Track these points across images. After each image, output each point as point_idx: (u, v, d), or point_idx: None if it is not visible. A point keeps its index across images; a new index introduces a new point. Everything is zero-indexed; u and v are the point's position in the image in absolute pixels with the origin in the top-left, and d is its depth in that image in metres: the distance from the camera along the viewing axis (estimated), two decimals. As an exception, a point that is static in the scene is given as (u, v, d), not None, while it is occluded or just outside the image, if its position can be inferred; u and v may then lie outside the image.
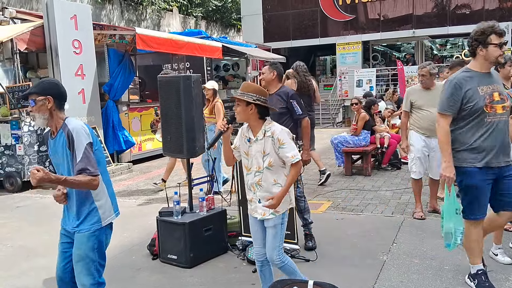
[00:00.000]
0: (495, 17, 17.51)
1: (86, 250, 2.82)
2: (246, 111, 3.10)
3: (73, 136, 2.70)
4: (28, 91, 2.79)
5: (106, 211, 2.88)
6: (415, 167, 5.48)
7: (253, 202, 3.23)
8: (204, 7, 24.96)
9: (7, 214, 6.63)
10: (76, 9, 8.89)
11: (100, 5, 18.41)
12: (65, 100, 2.87)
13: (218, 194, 6.00)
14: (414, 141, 5.47)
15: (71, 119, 2.82)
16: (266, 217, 3.16)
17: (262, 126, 3.14)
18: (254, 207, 3.22)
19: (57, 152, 2.81)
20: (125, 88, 9.87)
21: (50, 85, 2.83)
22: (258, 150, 3.13)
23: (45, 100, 2.75)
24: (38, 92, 2.76)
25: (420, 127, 5.44)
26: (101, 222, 2.85)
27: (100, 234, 2.86)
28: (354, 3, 19.51)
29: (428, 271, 3.98)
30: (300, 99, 4.66)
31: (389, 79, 18.67)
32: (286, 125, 4.57)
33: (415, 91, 5.52)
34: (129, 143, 9.79)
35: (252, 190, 3.21)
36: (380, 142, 8.45)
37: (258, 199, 3.18)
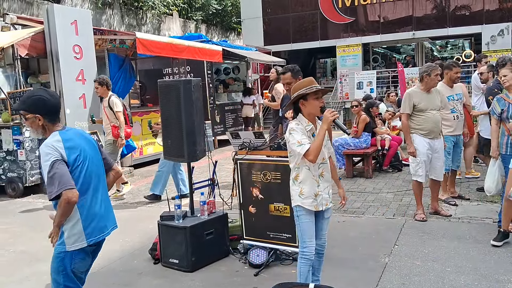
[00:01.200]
0: (495, 18, 17.54)
1: (51, 270, 2.75)
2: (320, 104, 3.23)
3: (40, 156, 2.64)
4: (16, 107, 2.78)
5: (71, 236, 2.68)
6: (421, 170, 5.39)
7: (318, 196, 3.27)
8: (204, 11, 25.02)
9: (9, 219, 6.64)
10: (77, 15, 8.92)
11: (101, 10, 18.47)
12: (56, 112, 2.74)
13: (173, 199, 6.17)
14: (419, 145, 5.36)
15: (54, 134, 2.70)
16: (328, 206, 3.35)
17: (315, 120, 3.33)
18: (320, 199, 3.28)
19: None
20: (125, 92, 9.88)
21: (38, 102, 2.67)
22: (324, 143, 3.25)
23: (35, 118, 2.67)
24: (26, 109, 2.67)
25: (424, 129, 5.35)
26: (65, 246, 2.69)
27: (65, 258, 2.70)
28: (353, 5, 19.53)
29: (430, 273, 3.97)
30: None
31: (389, 81, 18.67)
32: None
33: (417, 94, 5.42)
34: (130, 148, 9.76)
35: (316, 183, 3.27)
36: (381, 144, 8.44)
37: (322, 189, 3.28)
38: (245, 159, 4.46)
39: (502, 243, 4.51)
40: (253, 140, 4.42)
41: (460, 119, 5.99)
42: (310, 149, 3.11)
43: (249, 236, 4.55)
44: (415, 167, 5.45)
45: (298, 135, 3.15)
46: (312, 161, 3.15)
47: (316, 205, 3.27)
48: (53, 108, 2.72)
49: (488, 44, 17.54)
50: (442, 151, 5.51)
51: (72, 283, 2.76)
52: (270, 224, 4.37)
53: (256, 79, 16.60)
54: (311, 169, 3.24)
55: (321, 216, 3.34)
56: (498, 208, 5.23)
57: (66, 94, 8.40)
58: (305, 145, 3.11)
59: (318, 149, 3.12)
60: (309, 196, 3.25)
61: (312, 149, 3.11)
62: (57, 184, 2.53)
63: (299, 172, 3.27)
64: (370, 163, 8.08)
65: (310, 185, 3.25)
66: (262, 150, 4.43)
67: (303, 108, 3.26)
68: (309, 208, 3.26)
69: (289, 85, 4.71)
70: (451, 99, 5.94)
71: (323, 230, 3.39)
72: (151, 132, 9.04)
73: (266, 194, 4.35)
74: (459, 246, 4.57)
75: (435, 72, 5.31)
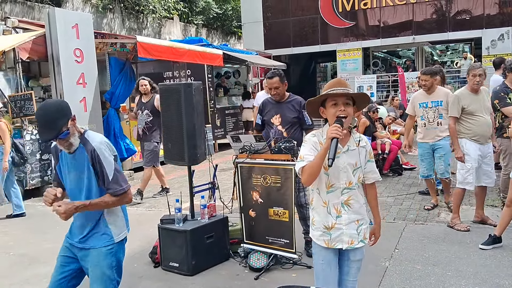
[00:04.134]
0: (495, 22, 17.57)
1: (102, 269, 2.73)
2: (353, 112, 2.56)
3: (98, 154, 2.64)
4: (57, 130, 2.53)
5: (118, 228, 2.81)
6: (471, 177, 5.04)
7: (335, 229, 2.56)
8: (205, 15, 25.07)
9: (9, 222, 6.63)
10: (78, 18, 8.94)
11: (101, 14, 18.52)
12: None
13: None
14: (470, 150, 5.02)
15: (90, 133, 2.74)
16: (355, 245, 2.57)
17: (350, 133, 2.61)
18: (339, 234, 2.56)
19: (76, 168, 2.69)
20: (126, 96, 9.89)
21: (64, 105, 2.67)
22: (350, 162, 2.56)
23: (72, 121, 2.64)
24: (66, 119, 2.59)
25: (474, 134, 5.04)
26: (113, 238, 2.77)
27: (116, 251, 2.79)
28: (354, 10, 19.58)
29: (430, 277, 3.97)
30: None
31: (389, 85, 18.69)
32: (296, 134, 4.60)
33: (466, 96, 5.06)
34: (130, 151, 9.79)
35: (336, 213, 2.57)
36: (381, 148, 8.44)
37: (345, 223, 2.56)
38: (246, 163, 4.47)
39: (491, 247, 4.51)
40: (253, 143, 4.42)
41: (428, 127, 5.80)
42: (304, 168, 2.48)
43: (249, 240, 4.54)
44: (464, 174, 5.08)
45: (305, 149, 2.55)
46: (305, 183, 2.58)
47: (328, 241, 2.57)
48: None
49: (488, 48, 17.57)
50: (491, 157, 5.21)
51: (120, 276, 2.85)
52: (269, 229, 4.37)
53: (256, 83, 16.62)
54: (321, 194, 2.58)
55: (345, 257, 2.63)
56: (498, 213, 5.22)
57: (67, 98, 8.40)
58: (302, 162, 2.50)
59: (310, 170, 2.45)
60: (319, 227, 2.60)
61: (305, 168, 2.48)
62: (123, 181, 2.71)
63: (312, 195, 2.66)
64: (371, 167, 8.06)
65: (321, 214, 2.60)
66: (262, 154, 4.43)
67: (325, 117, 2.61)
68: (318, 243, 2.61)
69: (277, 89, 4.65)
70: (423, 106, 5.84)
71: (349, 275, 2.64)
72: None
73: (266, 198, 4.35)
74: (459, 250, 4.56)
75: (472, 72, 5.05)
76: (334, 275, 2.61)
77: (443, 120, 5.70)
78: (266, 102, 4.87)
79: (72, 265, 2.83)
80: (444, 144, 5.73)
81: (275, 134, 4.66)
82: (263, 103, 4.91)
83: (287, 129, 4.67)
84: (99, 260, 2.74)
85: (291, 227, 4.18)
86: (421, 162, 6.00)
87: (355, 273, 2.65)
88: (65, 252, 2.85)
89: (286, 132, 4.64)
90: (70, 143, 2.64)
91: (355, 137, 2.61)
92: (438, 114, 5.76)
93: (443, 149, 5.75)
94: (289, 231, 4.21)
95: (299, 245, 4.41)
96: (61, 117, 2.57)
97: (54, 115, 2.56)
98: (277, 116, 4.69)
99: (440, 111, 5.75)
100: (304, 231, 4.63)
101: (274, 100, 4.75)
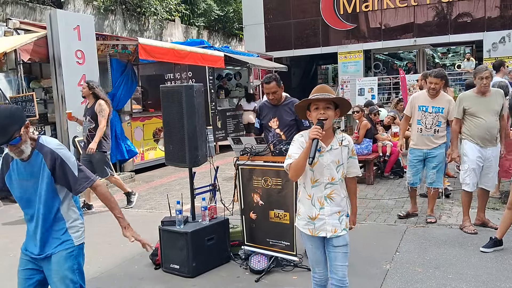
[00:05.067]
0: (496, 25, 17.56)
1: (64, 273, 2.72)
2: (334, 115, 2.83)
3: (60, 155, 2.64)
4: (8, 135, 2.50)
5: (77, 230, 2.82)
6: (469, 179, 5.06)
7: (318, 219, 2.88)
8: (206, 17, 25.09)
9: (10, 223, 6.64)
10: (79, 20, 8.96)
11: (103, 16, 18.54)
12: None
13: None
14: (468, 151, 5.05)
15: (45, 138, 2.72)
16: (338, 233, 2.88)
17: (333, 134, 2.89)
18: (322, 224, 2.88)
19: (32, 175, 2.65)
20: (127, 97, 9.90)
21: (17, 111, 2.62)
22: (333, 160, 2.85)
23: (26, 128, 2.60)
24: (17, 125, 2.54)
25: (474, 136, 5.03)
26: (73, 241, 2.77)
27: (77, 254, 2.79)
28: (355, 12, 19.58)
29: (431, 280, 3.96)
30: None
31: (391, 87, 18.69)
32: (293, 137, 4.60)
33: (469, 97, 5.04)
34: (131, 153, 9.80)
35: (319, 205, 2.87)
36: (382, 150, 8.44)
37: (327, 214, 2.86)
38: (247, 165, 4.46)
39: (492, 250, 4.50)
40: (254, 145, 4.42)
41: (424, 133, 5.52)
42: (291, 165, 2.80)
43: (250, 242, 4.54)
44: (462, 174, 5.13)
45: (293, 148, 2.85)
46: (291, 178, 2.97)
47: (312, 230, 2.89)
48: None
49: (490, 51, 17.56)
50: (495, 160, 5.13)
51: (83, 280, 2.83)
52: (269, 231, 4.36)
53: (257, 85, 16.63)
54: (307, 188, 2.90)
55: (330, 245, 2.92)
56: (500, 215, 5.21)
57: (68, 99, 8.42)
58: (289, 160, 2.82)
59: (295, 167, 2.77)
60: (304, 218, 2.92)
61: (291, 166, 2.80)
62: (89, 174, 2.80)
63: (299, 189, 2.98)
64: (372, 169, 8.08)
65: (306, 205, 2.91)
66: (263, 156, 4.43)
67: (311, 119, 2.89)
68: (303, 231, 2.95)
69: (275, 94, 4.68)
70: (422, 109, 5.53)
71: (336, 261, 2.91)
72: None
73: (267, 200, 4.35)
74: (460, 253, 4.55)
75: (478, 74, 5.00)
76: (324, 257, 2.97)
77: (440, 128, 5.50)
78: (263, 106, 4.90)
79: (37, 276, 2.81)
80: (438, 154, 5.53)
81: (273, 137, 4.69)
82: (260, 107, 4.95)
83: (285, 131, 4.69)
84: (59, 264, 2.72)
85: (292, 230, 4.17)
86: (409, 169, 5.74)
87: (342, 258, 2.91)
88: (27, 265, 2.82)
89: (285, 135, 4.67)
90: (21, 150, 2.59)
91: (338, 137, 2.91)
92: (437, 121, 5.48)
93: (437, 159, 5.53)
94: (290, 233, 4.21)
95: (300, 247, 4.40)
96: (13, 123, 2.53)
97: (6, 121, 2.51)
98: (275, 120, 4.72)
99: (439, 118, 5.47)
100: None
101: (271, 104, 4.78)
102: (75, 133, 8.54)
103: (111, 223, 6.52)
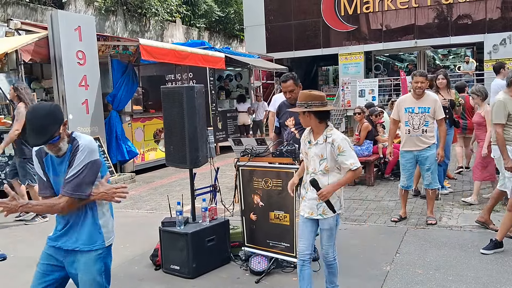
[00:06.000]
0: (497, 27, 17.57)
1: (92, 276, 2.65)
2: (305, 118, 3.36)
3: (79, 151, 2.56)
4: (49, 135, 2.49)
5: (108, 231, 2.74)
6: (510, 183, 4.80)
7: (303, 201, 3.44)
8: (207, 18, 25.11)
9: (10, 224, 6.63)
10: (80, 21, 8.97)
11: (104, 16, 18.56)
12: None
13: None
14: None
15: (79, 134, 2.69)
16: (313, 217, 3.38)
17: (323, 130, 3.32)
18: (304, 205, 3.43)
19: (65, 169, 2.62)
20: (128, 98, 9.91)
21: (56, 110, 2.61)
22: (317, 153, 3.33)
23: (64, 126, 2.59)
24: (57, 124, 2.54)
25: None
26: (104, 242, 2.70)
27: (106, 255, 2.72)
28: (356, 13, 19.61)
29: (431, 282, 3.96)
30: None
31: (391, 89, 18.70)
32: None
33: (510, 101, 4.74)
34: (132, 153, 9.81)
35: (305, 190, 3.44)
36: (382, 152, 8.44)
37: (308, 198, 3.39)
38: (247, 166, 4.47)
39: (492, 252, 4.50)
40: (255, 146, 4.43)
41: (412, 133, 5.50)
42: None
43: (250, 244, 4.54)
44: (509, 182, 4.83)
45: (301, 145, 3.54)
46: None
47: (301, 210, 3.46)
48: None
49: (490, 53, 17.58)
50: None
51: (109, 282, 2.76)
52: (270, 232, 4.36)
53: (258, 86, 16.65)
54: (305, 174, 3.46)
55: (319, 226, 3.43)
56: (500, 217, 5.21)
57: (69, 100, 8.43)
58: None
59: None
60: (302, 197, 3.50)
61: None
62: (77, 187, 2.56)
63: None
64: (372, 171, 8.08)
65: (302, 188, 3.51)
66: (264, 157, 4.43)
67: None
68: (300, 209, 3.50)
69: (292, 92, 4.67)
70: (408, 111, 5.50)
71: (323, 240, 3.45)
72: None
73: (267, 201, 4.35)
74: (460, 254, 4.55)
75: None
76: (308, 232, 3.41)
77: (428, 128, 5.45)
78: (282, 105, 4.94)
79: (56, 274, 2.72)
80: (429, 155, 5.49)
81: (288, 135, 4.70)
82: (279, 106, 4.99)
83: (300, 131, 4.69)
84: (88, 266, 2.65)
85: (292, 231, 4.17)
86: (402, 172, 5.72)
87: (327, 238, 3.41)
88: (48, 260, 2.74)
89: (299, 134, 4.68)
90: (59, 147, 2.59)
91: (325, 134, 3.30)
92: (424, 121, 5.43)
93: (428, 160, 5.50)
94: (290, 234, 4.21)
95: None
96: (54, 122, 2.53)
97: (47, 120, 2.51)
98: (291, 119, 4.73)
99: (426, 118, 5.43)
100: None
101: (289, 103, 4.78)
102: (75, 133, 8.55)
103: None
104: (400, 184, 5.82)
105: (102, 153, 8.95)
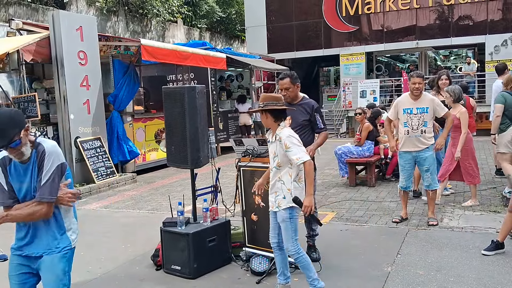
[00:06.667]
0: (499, 28, 17.56)
1: (55, 275, 2.71)
2: (263, 118, 3.64)
3: (45, 155, 2.60)
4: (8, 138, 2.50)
5: (75, 231, 2.83)
6: None
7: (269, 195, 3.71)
8: (209, 19, 25.13)
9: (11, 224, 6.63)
10: (82, 21, 8.98)
11: (106, 17, 18.59)
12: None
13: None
14: None
15: (43, 139, 2.71)
16: (274, 209, 3.65)
17: (276, 130, 3.59)
18: (269, 199, 3.72)
19: (29, 175, 2.65)
20: (129, 98, 9.92)
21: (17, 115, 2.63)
22: (271, 151, 3.65)
23: (25, 131, 2.60)
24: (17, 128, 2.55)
25: None
26: (71, 243, 2.78)
27: (70, 256, 2.78)
28: (357, 14, 19.60)
29: (433, 283, 3.96)
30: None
31: (393, 89, 18.69)
32: (307, 136, 4.58)
33: None
34: (133, 154, 9.82)
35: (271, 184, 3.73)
36: (384, 152, 8.44)
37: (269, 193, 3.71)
38: (248, 166, 4.47)
39: (493, 253, 4.49)
40: (256, 147, 4.42)
41: (411, 134, 5.50)
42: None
43: (251, 244, 4.54)
44: None
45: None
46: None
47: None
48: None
49: (492, 54, 17.56)
50: None
51: (69, 284, 2.80)
52: (271, 233, 4.35)
53: (259, 87, 16.64)
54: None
55: (274, 216, 3.71)
56: (501, 218, 5.20)
57: (70, 100, 8.45)
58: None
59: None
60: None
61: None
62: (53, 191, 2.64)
63: None
64: (373, 171, 8.07)
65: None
66: (265, 157, 4.42)
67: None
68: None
69: (287, 90, 4.62)
70: (407, 111, 5.51)
71: (278, 230, 3.72)
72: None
73: (268, 202, 4.34)
74: (462, 255, 4.55)
75: None
76: (274, 223, 3.72)
77: (427, 128, 5.47)
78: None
79: (33, 280, 2.79)
80: (427, 156, 5.50)
81: None
82: None
83: (297, 131, 4.67)
84: (54, 265, 2.71)
85: (293, 231, 4.17)
86: (401, 173, 5.73)
87: (283, 231, 3.62)
88: (20, 270, 2.76)
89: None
90: (21, 152, 2.59)
91: (276, 133, 3.57)
92: (423, 122, 5.45)
93: (427, 161, 5.51)
94: (291, 235, 4.20)
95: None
96: (13, 126, 2.53)
97: (6, 124, 2.52)
98: (288, 118, 4.70)
99: (425, 118, 5.45)
100: (307, 234, 4.63)
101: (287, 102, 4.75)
102: (77, 134, 8.57)
103: (111, 224, 6.55)
104: (399, 185, 5.83)
105: (103, 153, 8.96)
